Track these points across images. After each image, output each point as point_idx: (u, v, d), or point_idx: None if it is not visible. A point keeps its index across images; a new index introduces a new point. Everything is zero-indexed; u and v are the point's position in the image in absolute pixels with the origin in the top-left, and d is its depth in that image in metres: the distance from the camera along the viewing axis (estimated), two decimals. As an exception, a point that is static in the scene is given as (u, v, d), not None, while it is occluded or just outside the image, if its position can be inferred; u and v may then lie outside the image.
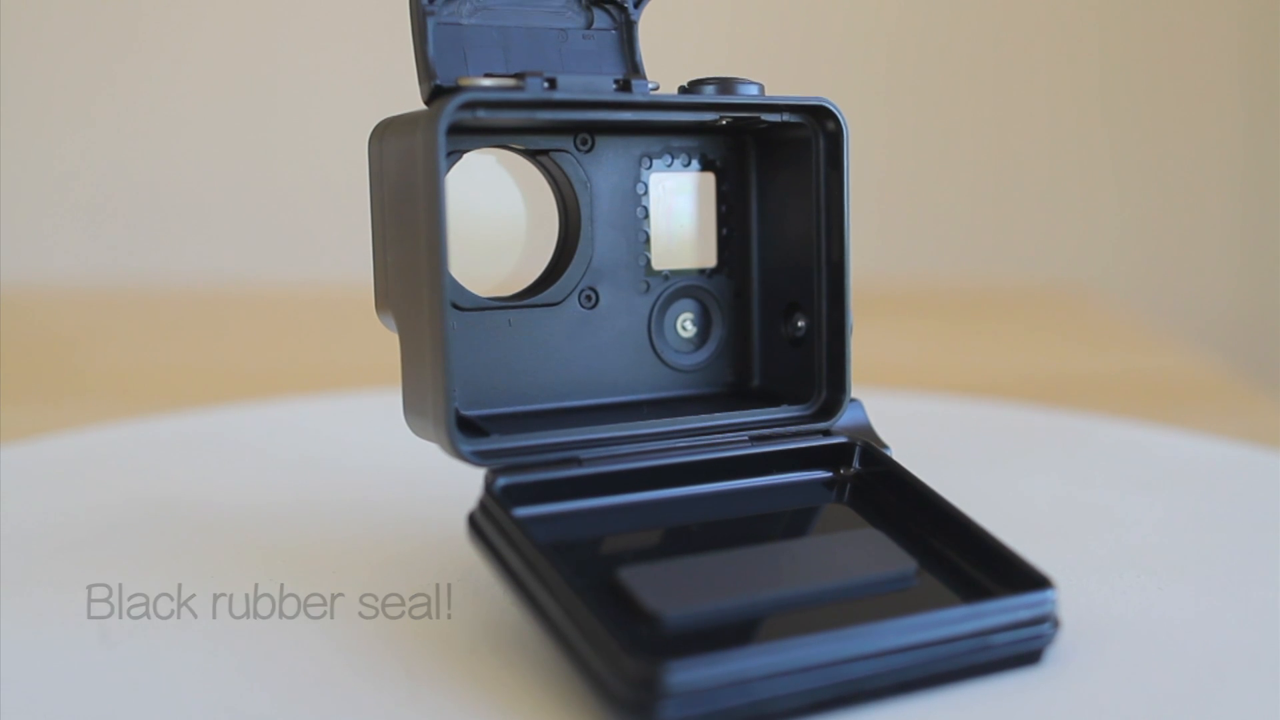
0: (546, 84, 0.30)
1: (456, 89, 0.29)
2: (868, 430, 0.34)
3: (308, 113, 1.09)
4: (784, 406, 0.33)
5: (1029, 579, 0.27)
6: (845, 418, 0.34)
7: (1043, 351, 0.81)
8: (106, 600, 0.29)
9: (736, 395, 0.35)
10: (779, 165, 0.34)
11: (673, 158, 0.34)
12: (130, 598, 0.30)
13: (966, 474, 0.40)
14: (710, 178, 0.35)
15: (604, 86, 0.30)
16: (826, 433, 0.33)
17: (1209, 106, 1.18)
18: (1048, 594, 0.27)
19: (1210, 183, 1.19)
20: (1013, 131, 1.16)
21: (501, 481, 0.28)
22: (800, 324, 0.34)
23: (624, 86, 0.31)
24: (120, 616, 0.29)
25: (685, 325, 0.35)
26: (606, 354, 0.34)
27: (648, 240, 0.34)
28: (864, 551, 0.28)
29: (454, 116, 0.28)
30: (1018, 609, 0.26)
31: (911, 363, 0.72)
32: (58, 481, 0.40)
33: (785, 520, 0.31)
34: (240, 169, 1.09)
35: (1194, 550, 0.34)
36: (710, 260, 0.35)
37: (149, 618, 0.29)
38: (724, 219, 0.35)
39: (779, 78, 0.35)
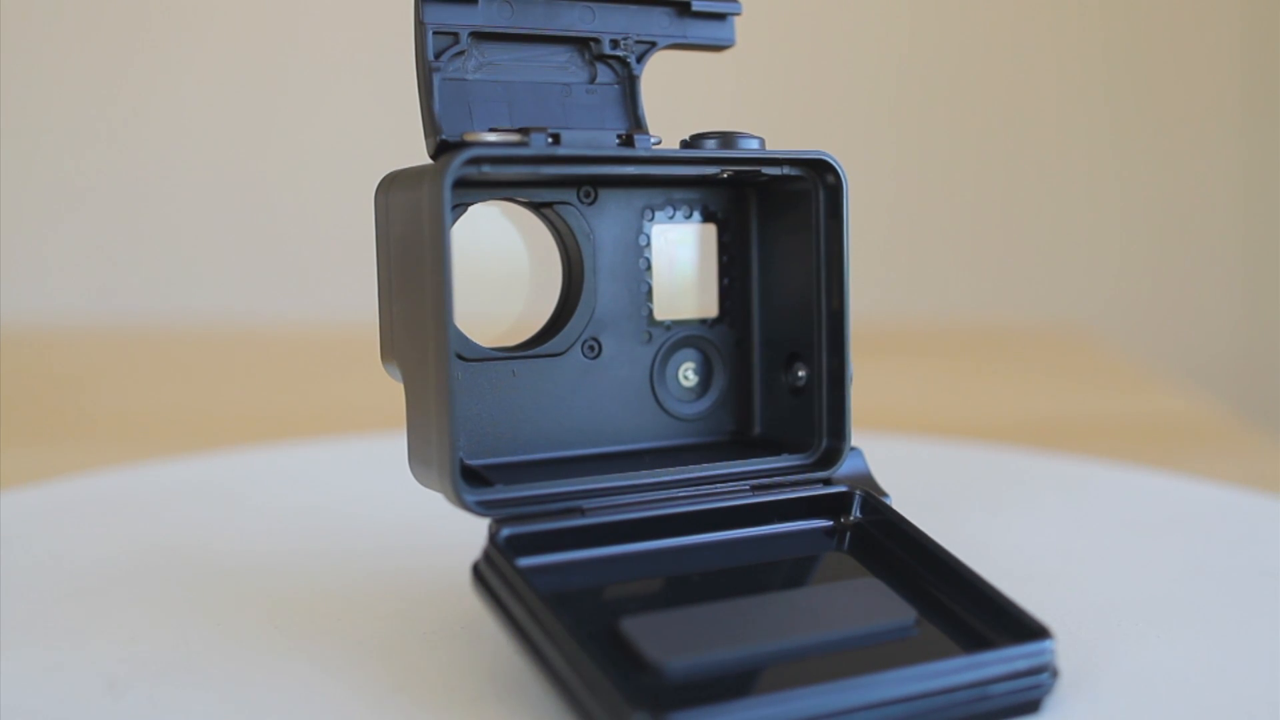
0: (550, 139, 0.30)
1: (462, 144, 0.30)
2: (867, 479, 0.35)
3: (314, 155, 1.10)
4: (784, 455, 0.33)
5: (1027, 629, 0.27)
6: (845, 466, 0.34)
7: (1042, 393, 0.81)
8: (113, 650, 0.30)
9: (738, 444, 0.35)
10: (780, 216, 0.35)
11: (674, 209, 0.35)
12: (136, 646, 0.30)
13: (966, 520, 0.40)
14: (712, 229, 0.35)
15: (607, 141, 0.31)
16: (827, 482, 0.33)
17: (1210, 148, 1.19)
18: (1046, 644, 0.27)
19: (1211, 224, 1.20)
20: (1013, 172, 1.17)
21: (506, 532, 0.28)
22: (800, 373, 0.34)
23: (627, 141, 0.31)
24: (126, 665, 0.29)
25: (687, 374, 0.35)
26: (609, 403, 0.34)
27: (650, 291, 0.35)
28: (864, 601, 0.29)
29: (459, 172, 0.28)
30: (1016, 659, 0.27)
31: (909, 405, 0.72)
32: (60, 528, 0.40)
33: (786, 569, 0.31)
34: (247, 209, 1.09)
35: (1194, 598, 0.34)
36: (712, 310, 0.35)
37: (155, 666, 0.29)
38: (725, 269, 0.36)
39: (781, 125, 0.35)
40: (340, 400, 0.75)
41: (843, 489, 0.33)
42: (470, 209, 0.33)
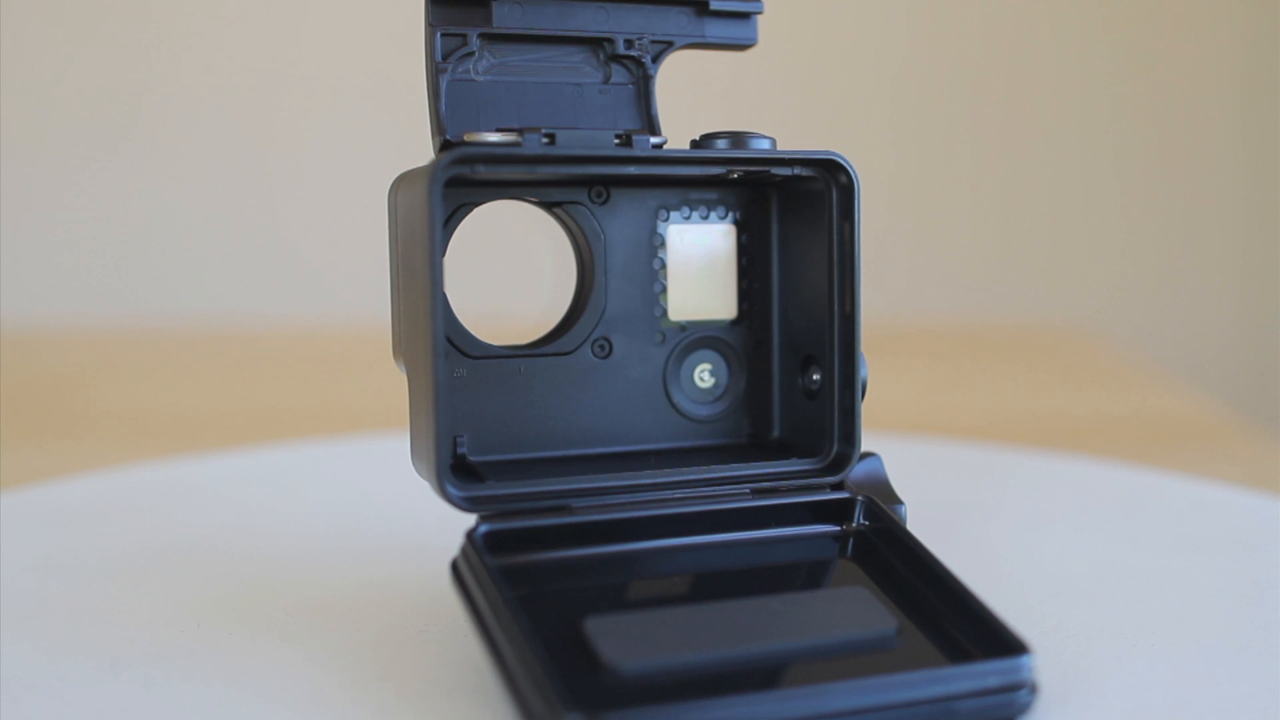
0: (546, 139, 0.30)
1: (460, 144, 0.30)
2: (883, 485, 0.34)
3: (315, 155, 1.09)
4: (793, 460, 0.33)
5: (1006, 643, 0.26)
6: (862, 471, 0.33)
7: (1042, 393, 0.80)
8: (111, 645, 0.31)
9: (754, 447, 0.35)
10: (799, 217, 0.34)
11: (691, 210, 0.35)
12: (135, 642, 0.31)
13: (968, 523, 0.40)
14: (731, 229, 0.35)
15: (604, 141, 0.31)
16: (837, 487, 0.32)
17: (1210, 148, 1.18)
18: (1022, 660, 0.26)
19: (1211, 224, 1.19)
20: (1012, 172, 1.17)
21: (483, 528, 0.29)
22: (815, 377, 0.34)
23: (626, 141, 0.31)
24: (123, 659, 0.30)
25: (703, 376, 0.35)
26: (620, 404, 0.34)
27: (664, 291, 0.34)
28: (845, 609, 0.28)
29: (447, 172, 0.29)
30: (988, 674, 0.26)
31: (909, 405, 0.71)
32: (60, 528, 0.40)
33: (777, 575, 0.31)
34: (247, 209, 1.09)
35: (1192, 603, 0.33)
36: (730, 312, 0.35)
37: (153, 658, 0.30)
38: (745, 270, 0.35)
39: (791, 126, 0.35)
40: (341, 400, 0.75)
41: (844, 495, 0.32)
42: (481, 208, 0.33)
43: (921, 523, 0.33)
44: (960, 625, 0.28)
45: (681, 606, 0.28)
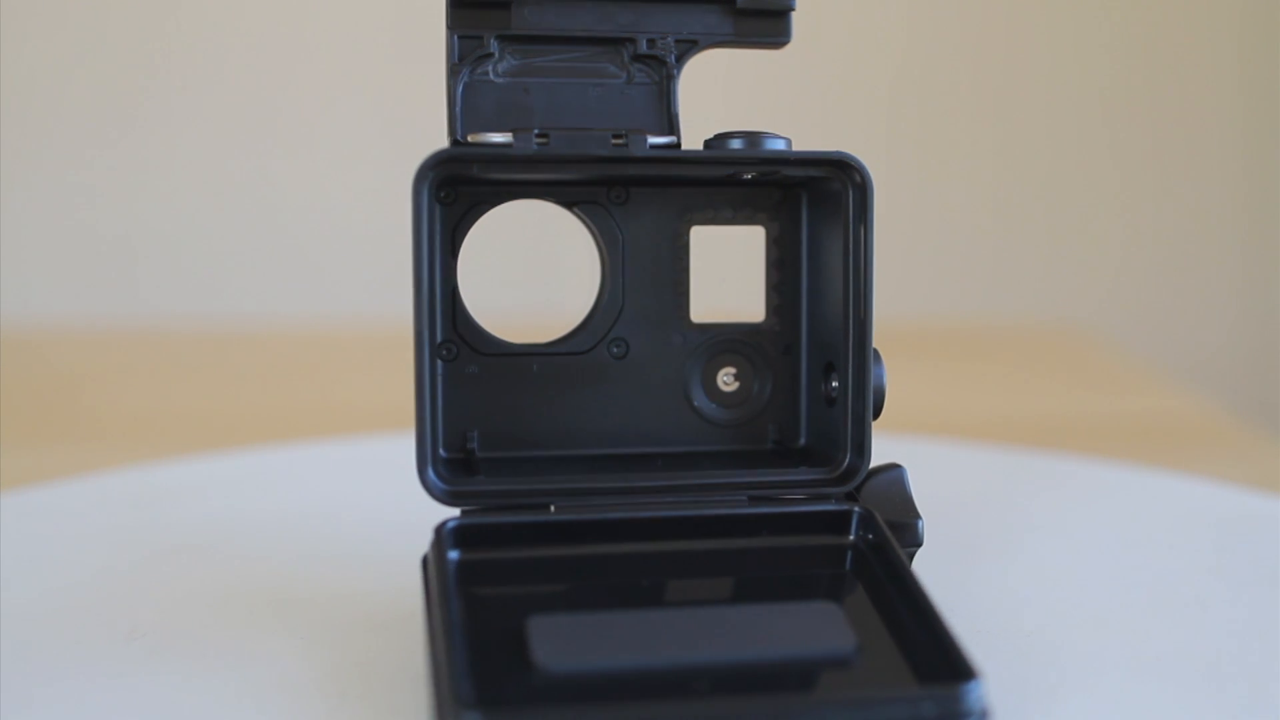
0: (541, 140, 0.30)
1: (464, 145, 0.31)
2: (904, 498, 0.33)
3: (318, 155, 1.08)
4: (801, 469, 0.32)
5: (955, 669, 0.25)
6: (882, 484, 0.32)
7: (1042, 393, 0.78)
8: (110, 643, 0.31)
9: (776, 454, 0.34)
10: (826, 219, 0.34)
11: (716, 210, 0.34)
12: (134, 640, 0.31)
13: (988, 535, 0.39)
14: (759, 231, 0.34)
15: (600, 142, 0.31)
16: (850, 498, 0.32)
17: (1210, 147, 1.14)
18: (967, 687, 0.25)
19: (1210, 223, 1.15)
20: (1011, 172, 1.14)
21: (450, 523, 0.29)
22: (835, 383, 0.33)
23: (624, 142, 0.31)
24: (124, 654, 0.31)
25: (726, 379, 0.34)
26: (636, 405, 0.34)
27: (686, 293, 0.34)
28: (804, 625, 0.27)
29: (433, 174, 0.29)
30: (922, 701, 0.25)
31: (907, 405, 0.68)
32: (60, 528, 0.40)
33: (752, 586, 0.30)
34: (247, 209, 1.08)
35: (1190, 611, 0.32)
36: (756, 314, 0.35)
37: (150, 654, 0.30)
38: (772, 272, 0.35)
39: (795, 128, 0.34)
40: (342, 401, 0.74)
41: (841, 507, 0.31)
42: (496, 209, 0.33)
43: (934, 530, 0.32)
44: (922, 648, 0.27)
45: (635, 611, 0.27)
